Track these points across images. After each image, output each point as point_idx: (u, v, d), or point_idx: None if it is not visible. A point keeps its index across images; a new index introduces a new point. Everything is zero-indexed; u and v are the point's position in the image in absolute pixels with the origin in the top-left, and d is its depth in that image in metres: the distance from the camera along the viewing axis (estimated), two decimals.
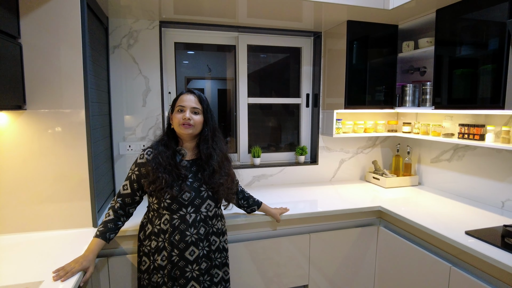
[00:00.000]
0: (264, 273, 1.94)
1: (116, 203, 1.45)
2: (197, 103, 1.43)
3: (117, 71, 2.20)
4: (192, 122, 1.40)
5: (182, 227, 1.40)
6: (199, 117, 1.42)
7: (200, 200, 1.43)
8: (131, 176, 1.45)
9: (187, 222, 1.40)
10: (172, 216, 1.40)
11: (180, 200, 1.39)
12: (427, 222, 1.77)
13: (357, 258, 2.11)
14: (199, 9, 2.08)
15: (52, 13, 1.52)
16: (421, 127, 2.41)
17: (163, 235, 1.41)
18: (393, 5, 2.01)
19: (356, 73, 2.37)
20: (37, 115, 1.54)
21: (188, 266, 1.39)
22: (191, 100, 1.42)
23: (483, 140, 1.96)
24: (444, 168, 2.42)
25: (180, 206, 1.40)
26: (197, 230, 1.42)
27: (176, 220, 1.40)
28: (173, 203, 1.39)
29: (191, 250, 1.40)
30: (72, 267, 1.23)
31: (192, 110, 1.41)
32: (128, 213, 1.49)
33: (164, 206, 1.40)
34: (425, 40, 2.22)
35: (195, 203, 1.42)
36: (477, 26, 1.81)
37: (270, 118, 2.92)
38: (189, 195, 1.40)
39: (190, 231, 1.40)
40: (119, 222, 1.45)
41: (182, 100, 1.42)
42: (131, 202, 1.46)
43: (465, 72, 1.86)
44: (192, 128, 1.41)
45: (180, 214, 1.40)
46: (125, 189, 1.45)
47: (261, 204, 1.83)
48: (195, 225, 1.42)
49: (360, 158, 2.82)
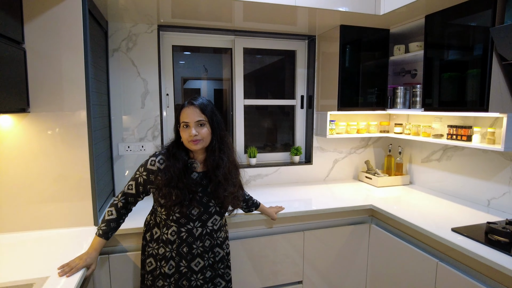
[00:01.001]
0: (260, 270, 2.00)
1: (120, 201, 1.47)
2: (200, 115, 1.37)
3: (116, 73, 2.26)
4: (200, 137, 1.37)
5: (189, 240, 1.44)
6: (206, 130, 1.38)
7: (207, 216, 1.46)
8: (138, 178, 1.44)
9: (194, 236, 1.44)
10: (180, 229, 1.43)
11: (189, 216, 1.42)
12: (416, 220, 1.85)
13: (349, 255, 2.18)
14: (196, 14, 2.14)
15: (55, 19, 1.57)
16: (412, 128, 2.49)
17: (171, 245, 1.44)
18: (384, 10, 2.09)
19: (349, 76, 2.44)
20: (40, 117, 1.60)
21: (193, 276, 1.45)
22: (193, 114, 1.37)
23: (470, 141, 2.02)
24: (434, 167, 2.50)
25: (188, 220, 1.43)
26: (203, 243, 1.47)
27: (183, 233, 1.44)
28: (182, 218, 1.42)
29: (197, 261, 1.46)
30: (77, 263, 1.29)
31: (196, 124, 1.37)
32: (129, 210, 1.52)
33: (172, 219, 1.42)
34: (415, 44, 2.29)
35: (202, 218, 1.45)
36: (463, 32, 1.89)
37: (266, 118, 2.99)
38: (198, 211, 1.43)
39: (197, 244, 1.45)
40: (120, 221, 1.49)
41: (185, 116, 1.38)
42: (133, 201, 1.49)
43: (453, 75, 1.94)
44: (201, 143, 1.38)
45: (187, 228, 1.44)
46: (130, 188, 1.46)
47: (259, 205, 1.89)
48: (201, 238, 1.46)
49: (353, 158, 2.89)
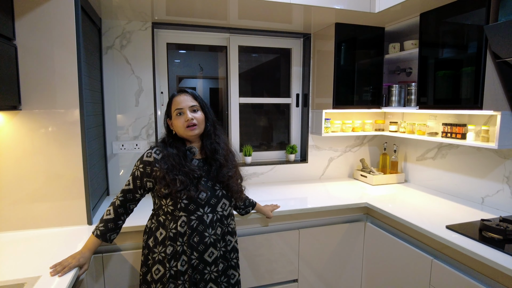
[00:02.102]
0: (255, 268, 2.00)
1: (117, 199, 1.41)
2: (192, 101, 1.40)
3: (110, 71, 2.23)
4: (196, 121, 1.38)
5: (200, 228, 1.37)
6: (200, 114, 1.40)
7: (216, 200, 1.41)
8: (135, 172, 1.39)
9: (205, 223, 1.38)
10: (190, 218, 1.37)
11: (197, 200, 1.36)
12: (411, 217, 1.85)
13: (345, 253, 2.18)
14: (191, 11, 2.12)
15: (47, 15, 1.55)
16: (407, 126, 2.49)
17: (181, 238, 1.36)
18: (379, 8, 2.08)
19: (344, 74, 2.44)
20: (32, 115, 1.58)
21: (206, 268, 1.38)
22: (186, 100, 1.39)
23: (464, 139, 2.03)
24: (429, 166, 2.51)
25: (197, 206, 1.37)
26: (214, 231, 1.41)
27: (194, 221, 1.37)
28: (190, 204, 1.36)
29: (210, 252, 1.39)
30: (69, 263, 1.27)
31: (191, 109, 1.38)
32: (129, 210, 1.44)
33: (181, 208, 1.35)
34: (410, 43, 2.30)
35: (211, 202, 1.40)
36: (458, 30, 1.89)
37: (261, 117, 2.98)
38: (205, 195, 1.38)
39: (209, 231, 1.39)
40: (119, 222, 1.42)
41: (178, 103, 1.38)
42: (132, 198, 1.41)
43: (447, 73, 1.94)
44: (197, 128, 1.38)
45: (197, 214, 1.37)
46: (127, 184, 1.41)
47: (255, 204, 1.87)
48: (213, 225, 1.40)
49: (348, 157, 2.90)
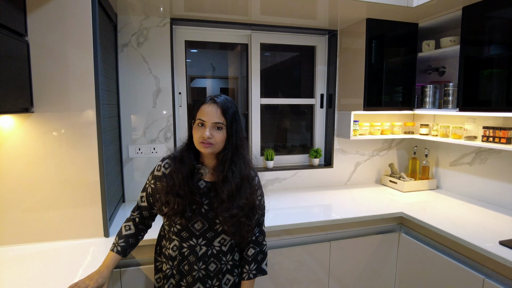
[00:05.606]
0: (280, 283, 1.85)
1: (136, 216, 1.34)
2: (219, 117, 1.18)
3: (126, 70, 2.10)
4: (213, 141, 1.18)
5: (191, 258, 1.24)
6: (221, 134, 1.19)
7: (213, 234, 1.24)
8: (147, 188, 1.31)
9: (196, 255, 1.24)
10: (182, 244, 1.25)
11: (191, 229, 1.23)
12: (456, 230, 1.68)
13: (377, 267, 2.02)
14: (211, 6, 1.99)
15: (61, 9, 1.42)
16: (440, 129, 2.32)
17: (171, 262, 1.26)
18: (418, 2, 1.92)
19: (374, 73, 2.27)
20: (44, 117, 1.45)
21: None
22: (213, 114, 1.18)
23: (510, 143, 1.87)
24: (464, 171, 2.34)
25: (190, 235, 1.23)
26: (206, 266, 1.25)
27: (185, 249, 1.24)
28: (183, 231, 1.23)
29: (197, 287, 1.24)
30: (87, 285, 1.13)
31: (213, 126, 1.18)
32: (148, 226, 1.39)
33: (173, 231, 1.25)
34: (448, 39, 2.12)
35: (207, 235, 1.24)
36: (507, 24, 1.72)
37: (279, 118, 2.82)
38: (201, 226, 1.22)
39: (198, 265, 1.23)
40: (139, 237, 1.35)
41: (203, 113, 1.19)
42: (149, 215, 1.34)
43: (495, 72, 1.77)
44: (212, 148, 1.19)
45: (190, 244, 1.24)
46: (142, 201, 1.33)
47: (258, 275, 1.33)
48: (204, 259, 1.25)
49: (375, 161, 2.73)
